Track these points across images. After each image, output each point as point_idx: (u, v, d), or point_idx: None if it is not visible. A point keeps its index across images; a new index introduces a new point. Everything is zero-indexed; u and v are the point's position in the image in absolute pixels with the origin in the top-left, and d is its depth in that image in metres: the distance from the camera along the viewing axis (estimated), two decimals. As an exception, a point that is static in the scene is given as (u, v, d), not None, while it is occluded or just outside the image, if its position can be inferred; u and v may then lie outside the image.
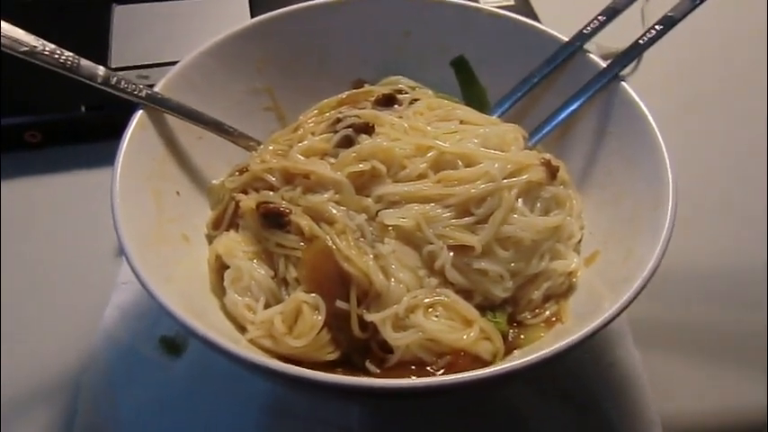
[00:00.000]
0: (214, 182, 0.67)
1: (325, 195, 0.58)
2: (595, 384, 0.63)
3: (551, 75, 0.70)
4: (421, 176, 0.59)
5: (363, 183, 0.59)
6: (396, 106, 0.66)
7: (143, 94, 0.61)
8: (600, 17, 0.71)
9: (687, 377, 0.66)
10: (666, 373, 0.65)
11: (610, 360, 0.64)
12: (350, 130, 0.61)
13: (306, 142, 0.63)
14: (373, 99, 0.66)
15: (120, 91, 0.60)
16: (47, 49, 0.57)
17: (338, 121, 0.63)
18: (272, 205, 0.59)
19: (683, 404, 0.64)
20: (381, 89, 0.69)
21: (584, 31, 0.70)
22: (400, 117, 0.64)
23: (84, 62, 0.59)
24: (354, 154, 0.59)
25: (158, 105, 0.62)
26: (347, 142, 0.61)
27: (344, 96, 0.69)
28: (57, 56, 0.57)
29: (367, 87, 0.71)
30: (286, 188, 0.61)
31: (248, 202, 0.60)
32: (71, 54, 0.58)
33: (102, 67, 0.60)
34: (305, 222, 0.57)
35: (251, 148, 0.69)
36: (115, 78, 0.60)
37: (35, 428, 0.62)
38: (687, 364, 0.67)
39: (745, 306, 0.70)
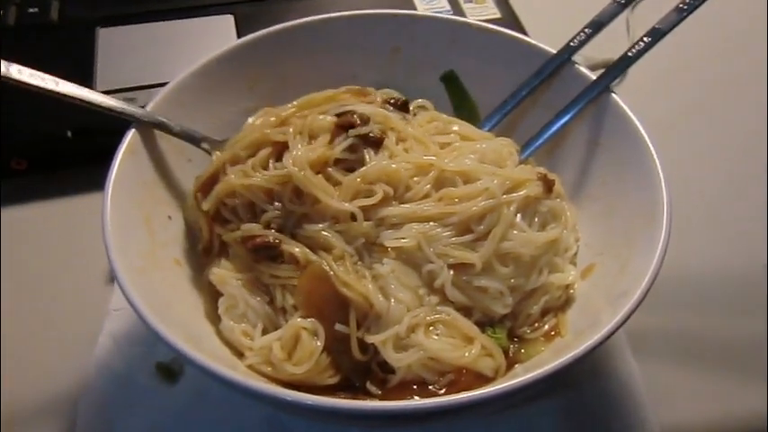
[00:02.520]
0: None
1: (323, 224, 0.57)
2: (595, 396, 0.63)
3: (540, 87, 0.71)
4: (425, 197, 0.58)
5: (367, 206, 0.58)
6: (406, 115, 0.66)
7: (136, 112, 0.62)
8: (586, 30, 0.71)
9: (685, 386, 0.65)
10: (664, 383, 0.65)
11: (609, 371, 0.64)
12: (356, 139, 0.60)
13: (302, 152, 0.59)
14: (386, 99, 0.66)
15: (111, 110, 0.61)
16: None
17: (342, 116, 0.61)
18: (258, 240, 0.57)
19: (682, 414, 0.64)
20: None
21: (572, 44, 0.70)
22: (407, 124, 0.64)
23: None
24: (360, 178, 0.58)
25: (152, 123, 0.62)
26: (352, 150, 0.60)
27: (343, 90, 0.68)
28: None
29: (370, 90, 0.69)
30: (273, 210, 0.59)
31: (232, 235, 0.59)
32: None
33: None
34: (298, 250, 0.57)
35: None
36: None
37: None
38: (685, 374, 0.66)
39: (744, 314, 0.70)
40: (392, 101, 0.66)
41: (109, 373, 0.64)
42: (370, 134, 0.60)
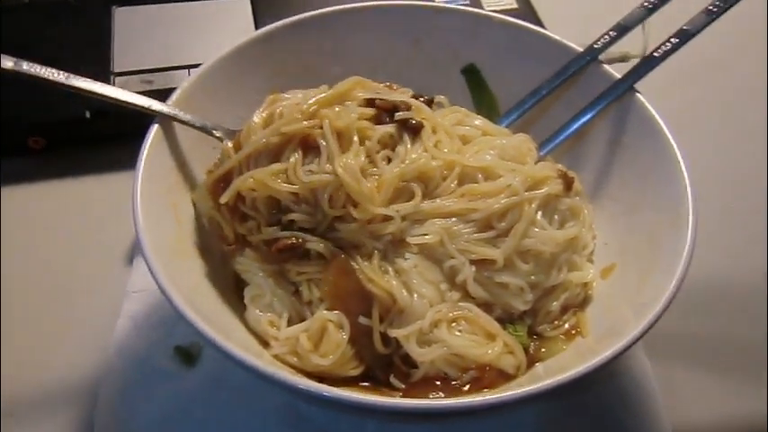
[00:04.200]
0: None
1: (355, 225, 0.57)
2: (609, 393, 0.64)
3: (562, 85, 0.70)
4: (450, 193, 0.59)
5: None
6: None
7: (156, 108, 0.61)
8: (610, 32, 0.71)
9: (697, 385, 0.67)
10: (677, 382, 0.66)
11: (622, 369, 0.65)
12: (395, 125, 0.60)
13: (352, 160, 0.57)
14: (413, 96, 0.65)
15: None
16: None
17: (372, 103, 0.60)
18: (281, 243, 0.57)
19: (694, 412, 0.65)
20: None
21: (595, 46, 0.70)
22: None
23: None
24: (399, 177, 0.57)
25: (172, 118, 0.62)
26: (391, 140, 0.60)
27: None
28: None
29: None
30: (301, 213, 0.58)
31: (255, 238, 0.59)
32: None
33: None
34: (323, 246, 0.57)
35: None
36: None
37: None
38: (697, 373, 0.68)
39: (753, 312, 0.71)
40: (419, 97, 0.66)
41: (129, 355, 0.64)
42: (412, 120, 0.60)
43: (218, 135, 0.64)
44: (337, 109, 0.59)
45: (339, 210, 0.57)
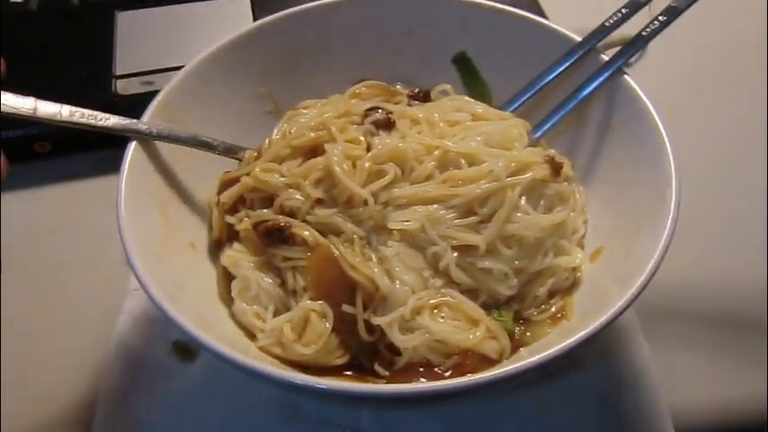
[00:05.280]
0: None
1: (335, 209, 0.58)
2: (607, 376, 0.63)
3: (566, 71, 0.69)
4: (428, 177, 0.59)
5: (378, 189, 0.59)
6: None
7: (110, 123, 0.61)
8: (623, 9, 0.69)
9: (695, 368, 0.66)
10: (675, 365, 0.65)
11: (621, 352, 0.64)
12: (372, 126, 0.62)
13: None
14: (410, 94, 0.68)
15: (87, 126, 0.61)
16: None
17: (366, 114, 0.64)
18: (270, 223, 0.59)
19: (692, 394, 0.64)
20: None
21: (606, 24, 0.69)
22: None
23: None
24: (370, 162, 0.58)
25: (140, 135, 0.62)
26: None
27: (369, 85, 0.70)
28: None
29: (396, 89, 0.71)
30: (287, 196, 0.60)
31: (244, 225, 0.61)
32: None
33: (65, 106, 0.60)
34: (307, 233, 0.58)
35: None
36: (78, 114, 0.60)
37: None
38: (695, 356, 0.67)
39: (753, 294, 0.70)
40: (416, 93, 0.69)
41: (128, 351, 0.66)
42: (388, 117, 0.62)
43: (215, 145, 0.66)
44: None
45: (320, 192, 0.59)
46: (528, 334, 0.58)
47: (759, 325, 0.67)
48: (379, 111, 0.63)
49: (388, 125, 0.63)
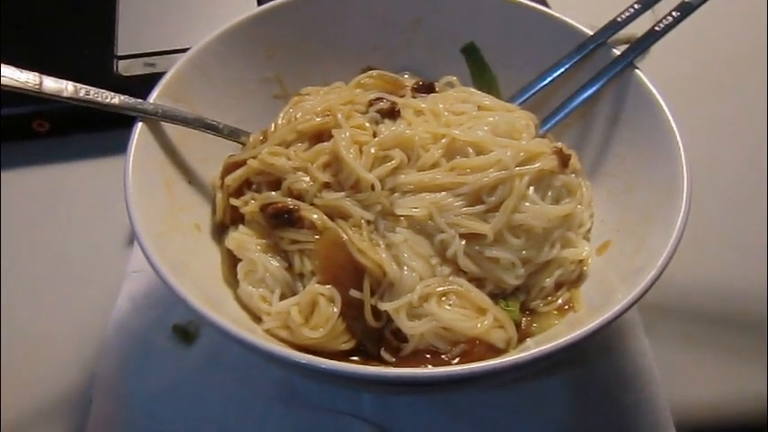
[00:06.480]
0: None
1: (343, 192, 0.58)
2: (608, 371, 0.63)
3: (575, 65, 0.69)
4: (435, 165, 0.59)
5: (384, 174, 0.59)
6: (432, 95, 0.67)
7: (115, 101, 0.60)
8: (635, 5, 0.69)
9: (695, 364, 0.66)
10: (675, 361, 0.65)
11: (621, 347, 0.64)
12: (377, 114, 0.63)
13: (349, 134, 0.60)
14: (414, 86, 0.68)
15: (92, 103, 0.59)
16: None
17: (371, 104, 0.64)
18: (279, 205, 0.58)
19: (691, 390, 0.65)
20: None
21: (618, 20, 0.69)
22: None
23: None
24: (375, 147, 0.59)
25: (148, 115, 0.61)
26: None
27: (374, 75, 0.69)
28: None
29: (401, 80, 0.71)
30: (294, 179, 0.60)
31: (250, 207, 0.60)
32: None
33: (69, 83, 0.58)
34: (316, 216, 0.58)
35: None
36: (83, 91, 0.59)
37: (50, 418, 0.62)
38: (696, 352, 0.67)
39: (754, 292, 0.70)
40: (420, 85, 0.68)
41: (126, 334, 0.65)
42: (393, 107, 0.62)
43: (221, 128, 0.66)
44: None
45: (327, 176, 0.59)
46: (534, 325, 0.58)
47: (760, 323, 0.68)
48: (384, 101, 0.64)
49: (392, 114, 0.63)
